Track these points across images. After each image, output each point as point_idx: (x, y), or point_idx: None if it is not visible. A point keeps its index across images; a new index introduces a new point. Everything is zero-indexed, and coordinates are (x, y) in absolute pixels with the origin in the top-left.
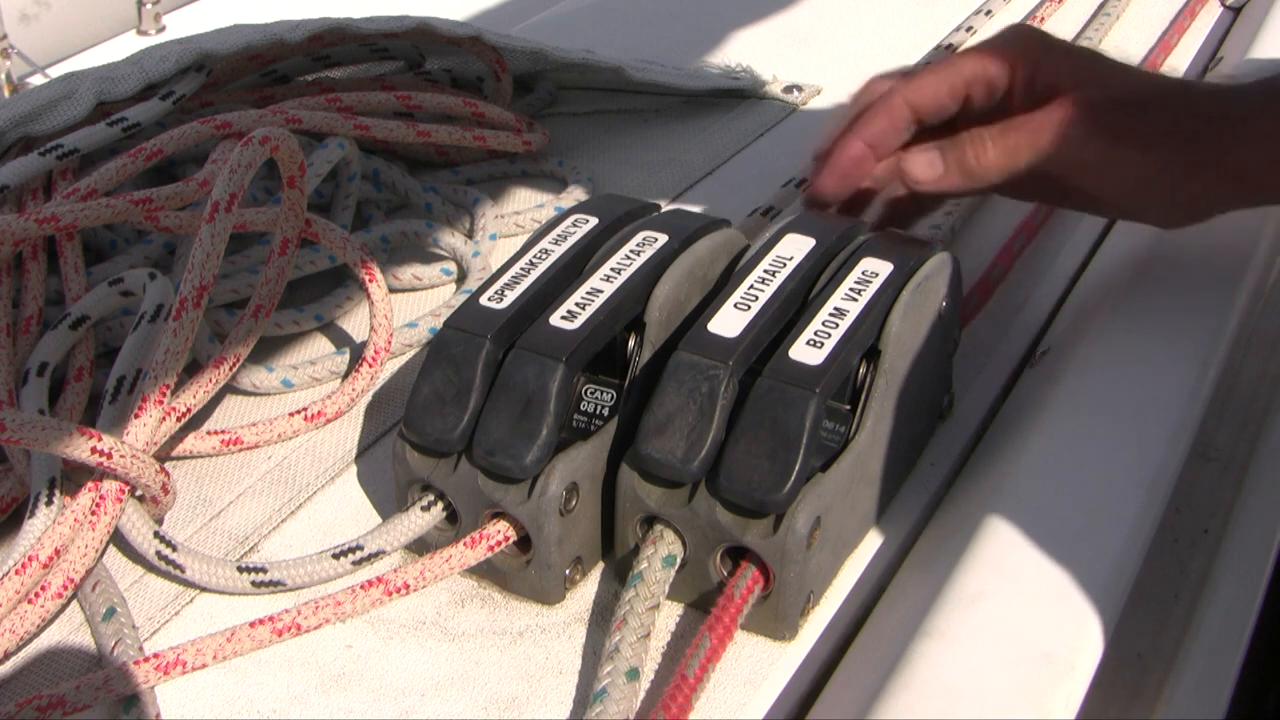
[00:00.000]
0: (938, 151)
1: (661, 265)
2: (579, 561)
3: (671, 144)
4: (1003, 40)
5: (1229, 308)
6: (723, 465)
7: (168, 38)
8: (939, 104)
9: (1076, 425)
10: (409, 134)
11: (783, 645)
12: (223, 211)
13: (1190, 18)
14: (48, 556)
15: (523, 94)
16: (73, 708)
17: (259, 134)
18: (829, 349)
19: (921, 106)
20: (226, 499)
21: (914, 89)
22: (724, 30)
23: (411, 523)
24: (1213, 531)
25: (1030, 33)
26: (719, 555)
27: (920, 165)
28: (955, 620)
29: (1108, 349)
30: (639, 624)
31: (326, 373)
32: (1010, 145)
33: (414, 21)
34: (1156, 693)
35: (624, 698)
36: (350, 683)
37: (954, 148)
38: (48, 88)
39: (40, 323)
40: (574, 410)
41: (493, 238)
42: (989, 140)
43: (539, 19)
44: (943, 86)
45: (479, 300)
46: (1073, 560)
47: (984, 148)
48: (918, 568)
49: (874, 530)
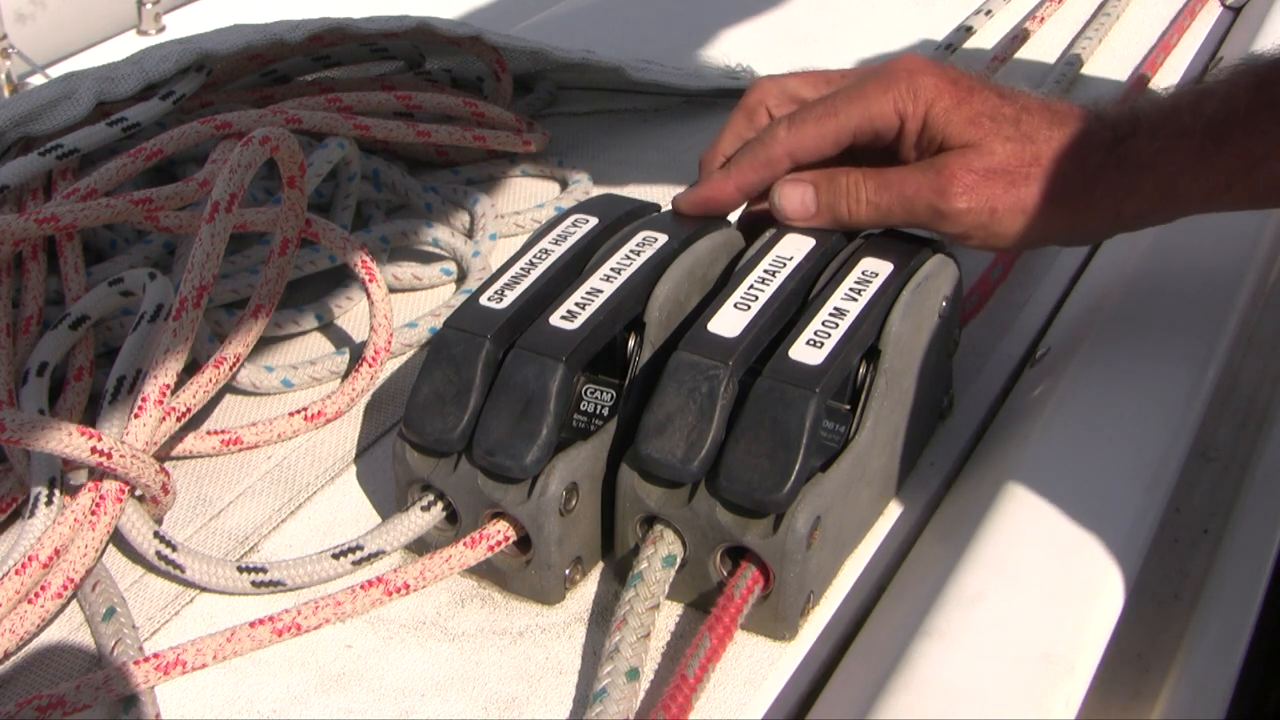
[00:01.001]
0: (813, 191)
1: (661, 265)
2: (579, 561)
3: (671, 144)
4: (893, 82)
5: (1229, 308)
6: (723, 465)
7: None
8: (821, 154)
9: (1076, 425)
10: (409, 134)
11: (783, 645)
12: (223, 211)
13: (1190, 18)
14: (48, 556)
15: (523, 94)
16: (73, 708)
17: (259, 134)
18: (829, 349)
19: (802, 158)
20: (226, 499)
21: (797, 138)
22: (724, 30)
23: (411, 523)
24: (1213, 531)
25: (923, 76)
26: (719, 555)
27: (793, 202)
28: (955, 620)
29: (1108, 349)
30: (639, 624)
31: (326, 373)
32: (884, 206)
33: (414, 21)
34: (1156, 693)
35: (624, 698)
36: (350, 683)
37: (829, 191)
38: (48, 88)
39: (40, 323)
40: (574, 410)
41: (493, 238)
42: (864, 195)
43: (539, 19)
44: (827, 138)
45: (479, 300)
46: (1073, 560)
47: (858, 201)
48: (918, 567)
49: (874, 530)
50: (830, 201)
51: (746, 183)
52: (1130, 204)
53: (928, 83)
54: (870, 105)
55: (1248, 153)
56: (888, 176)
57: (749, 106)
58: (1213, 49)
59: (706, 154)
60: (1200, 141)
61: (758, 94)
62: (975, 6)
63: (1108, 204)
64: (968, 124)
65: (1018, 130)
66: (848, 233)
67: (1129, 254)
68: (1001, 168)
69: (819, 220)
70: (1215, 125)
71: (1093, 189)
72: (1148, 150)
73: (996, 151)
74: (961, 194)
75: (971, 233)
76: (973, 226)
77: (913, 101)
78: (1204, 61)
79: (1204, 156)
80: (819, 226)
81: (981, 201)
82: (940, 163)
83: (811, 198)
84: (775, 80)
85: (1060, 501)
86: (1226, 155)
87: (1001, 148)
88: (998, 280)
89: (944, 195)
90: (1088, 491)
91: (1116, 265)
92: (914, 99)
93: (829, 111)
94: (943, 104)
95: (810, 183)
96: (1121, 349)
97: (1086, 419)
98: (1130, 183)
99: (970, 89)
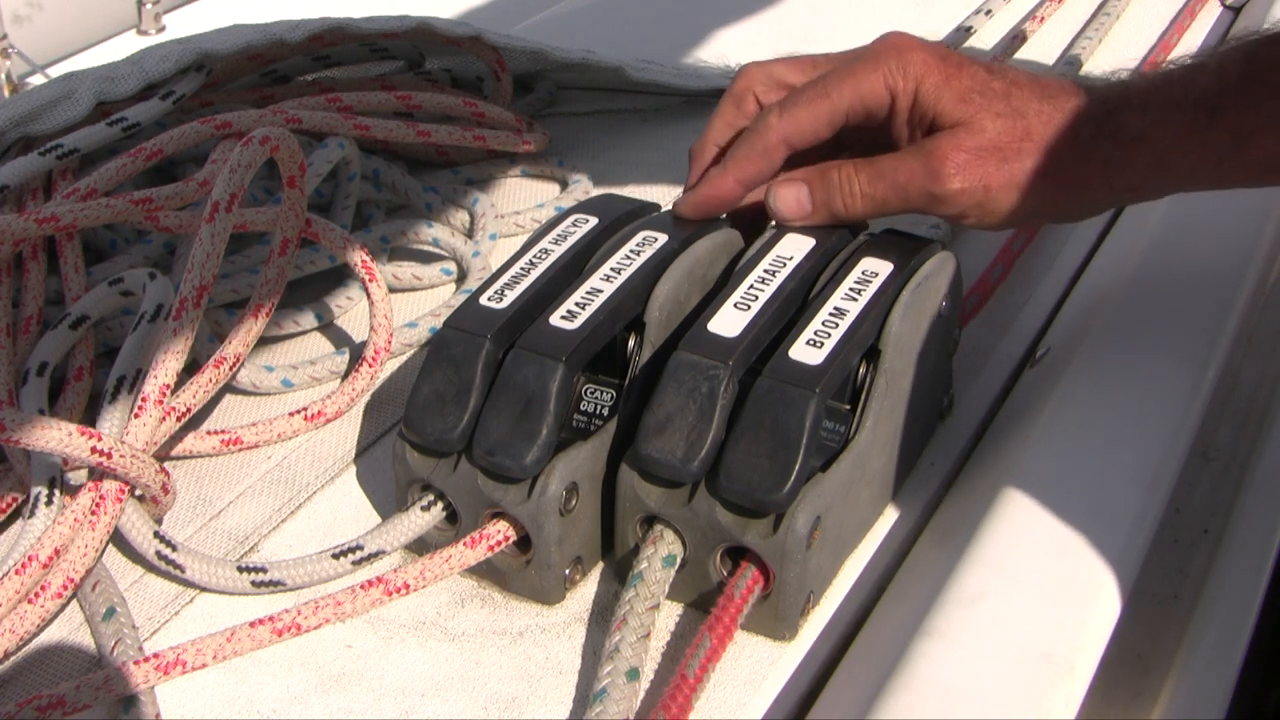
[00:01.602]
0: (807, 189)
1: (661, 265)
2: (579, 561)
3: (671, 144)
4: (882, 59)
5: (1229, 308)
6: (723, 465)
7: (168, 38)
8: (816, 137)
9: (1076, 425)
10: (409, 134)
11: (783, 645)
12: (223, 211)
13: (1190, 18)
14: (48, 556)
15: (523, 94)
16: (73, 708)
17: (259, 134)
18: (829, 349)
19: (798, 143)
20: (226, 499)
21: (791, 124)
22: (724, 30)
23: (411, 523)
24: (1213, 531)
25: (912, 53)
26: (719, 555)
27: (789, 203)
28: (955, 620)
29: (1108, 349)
30: (639, 624)
31: (326, 373)
32: (879, 197)
33: (414, 21)
34: (1156, 693)
35: (624, 698)
36: (350, 683)
37: (823, 188)
38: (48, 88)
39: (40, 323)
40: (574, 410)
41: (493, 238)
42: (858, 187)
43: (539, 19)
44: (821, 119)
45: (479, 300)
46: (1072, 560)
47: (852, 194)
48: (918, 567)
49: (874, 530)
50: (825, 198)
51: (745, 175)
52: (1122, 177)
53: (916, 58)
54: (861, 84)
55: (1239, 126)
56: (879, 166)
57: (737, 94)
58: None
59: (696, 144)
60: (1192, 114)
61: (744, 81)
62: (975, 6)
63: (1100, 178)
64: (958, 101)
65: (1008, 105)
66: (850, 231)
67: (1129, 254)
68: (993, 145)
69: (816, 218)
70: (1207, 99)
71: (1085, 162)
72: (1139, 123)
73: (987, 129)
74: (954, 175)
75: (968, 212)
76: (968, 206)
77: (903, 77)
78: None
79: (1195, 130)
80: (817, 224)
81: (975, 180)
82: (930, 145)
83: (806, 196)
84: (761, 66)
85: (1060, 501)
86: (1218, 129)
87: (992, 124)
88: (998, 280)
89: (937, 178)
90: (1087, 491)
91: (1116, 265)
92: (904, 75)
93: (820, 93)
94: (932, 79)
95: (803, 181)
96: (1121, 349)
97: (1086, 419)
98: (1122, 155)
99: (959, 64)
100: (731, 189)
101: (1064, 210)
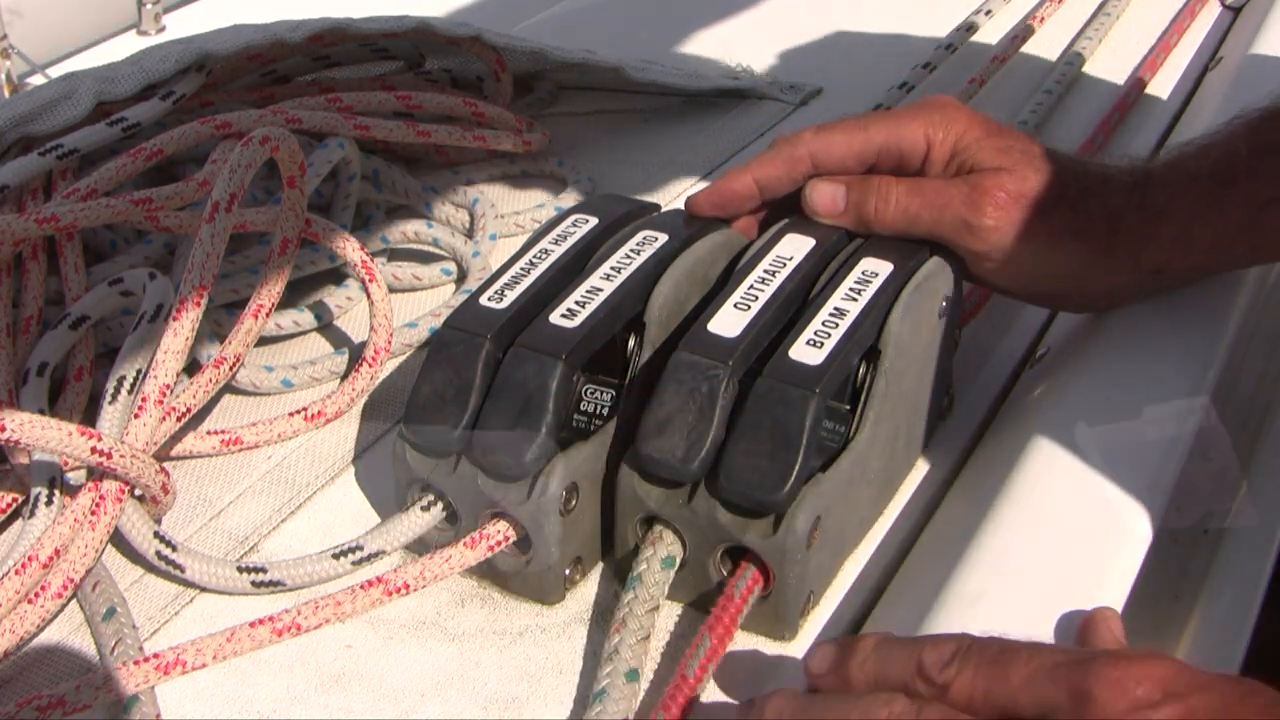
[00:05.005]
0: (844, 190)
1: (661, 265)
2: (579, 561)
3: (671, 144)
4: (924, 111)
5: (1229, 308)
6: (722, 465)
7: (168, 38)
8: (843, 164)
9: (1076, 425)
10: (409, 134)
11: (783, 645)
12: (223, 211)
13: (1190, 18)
14: (48, 556)
15: (523, 94)
16: (73, 708)
17: (259, 134)
18: (829, 349)
19: (824, 162)
20: (226, 499)
21: (822, 144)
22: (724, 30)
23: (411, 523)
24: (1213, 531)
25: (955, 110)
26: (719, 555)
27: (823, 198)
28: (955, 620)
29: (1107, 349)
30: (638, 626)
31: (326, 373)
32: (912, 212)
33: (414, 21)
34: None
35: (624, 698)
36: (350, 683)
37: (859, 191)
38: (48, 88)
39: (40, 323)
40: (574, 410)
41: (493, 238)
42: (894, 197)
43: (539, 19)
44: (853, 148)
45: (479, 300)
46: (1072, 560)
47: (886, 203)
48: (918, 567)
49: (874, 530)
50: (859, 199)
51: (764, 175)
52: (1149, 253)
53: (959, 115)
54: (900, 126)
55: (1253, 195)
56: (921, 184)
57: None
58: (1213, 49)
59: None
60: (1208, 185)
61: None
62: (976, 6)
63: (1127, 249)
64: (999, 152)
65: (1046, 165)
66: (848, 234)
67: None
68: (1033, 195)
69: (846, 219)
70: (1219, 171)
71: (1115, 230)
72: (1163, 196)
73: (1029, 179)
74: (993, 210)
75: (993, 254)
76: (995, 247)
77: (943, 129)
78: (1204, 61)
79: (1213, 200)
80: (844, 225)
81: (1010, 222)
82: (975, 179)
83: (842, 195)
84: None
85: (1060, 501)
86: (1234, 199)
87: (1034, 176)
88: None
89: (977, 209)
90: (1087, 491)
91: None
92: (945, 127)
93: (859, 126)
94: (974, 134)
95: (843, 182)
96: (1121, 349)
97: (1086, 419)
98: (1149, 229)
99: (1000, 128)
100: (747, 186)
101: (1085, 279)
